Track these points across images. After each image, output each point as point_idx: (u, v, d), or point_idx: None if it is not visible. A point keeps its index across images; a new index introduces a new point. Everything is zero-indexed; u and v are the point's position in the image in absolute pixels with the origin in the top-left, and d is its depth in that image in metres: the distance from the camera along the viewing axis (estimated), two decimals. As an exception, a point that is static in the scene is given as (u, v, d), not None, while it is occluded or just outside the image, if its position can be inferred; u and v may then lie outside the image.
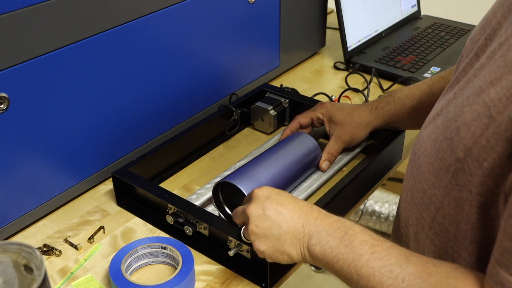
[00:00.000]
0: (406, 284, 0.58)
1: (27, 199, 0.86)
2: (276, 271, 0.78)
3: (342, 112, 0.96)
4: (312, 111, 0.99)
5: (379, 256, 0.61)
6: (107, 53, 0.89)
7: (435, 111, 0.69)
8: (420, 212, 0.67)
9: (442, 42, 1.46)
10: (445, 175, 0.61)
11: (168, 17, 0.97)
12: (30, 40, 0.78)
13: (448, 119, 0.62)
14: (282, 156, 0.90)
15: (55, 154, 0.87)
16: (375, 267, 0.60)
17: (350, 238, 0.63)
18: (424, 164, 0.65)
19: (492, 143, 0.53)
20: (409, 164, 0.72)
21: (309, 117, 0.99)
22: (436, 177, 0.63)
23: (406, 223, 0.72)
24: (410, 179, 0.70)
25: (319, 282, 1.94)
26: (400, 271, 0.59)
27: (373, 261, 0.60)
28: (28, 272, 0.51)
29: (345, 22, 1.33)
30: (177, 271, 0.75)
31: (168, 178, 0.99)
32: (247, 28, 1.16)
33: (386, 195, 1.99)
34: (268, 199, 0.70)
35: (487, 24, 0.64)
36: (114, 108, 0.94)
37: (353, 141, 0.96)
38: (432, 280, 0.57)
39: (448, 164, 0.60)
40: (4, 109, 0.78)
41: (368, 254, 0.61)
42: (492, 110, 0.54)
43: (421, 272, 0.58)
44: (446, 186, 0.61)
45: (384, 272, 0.59)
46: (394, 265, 0.59)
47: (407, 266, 0.59)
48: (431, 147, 0.64)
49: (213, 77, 1.13)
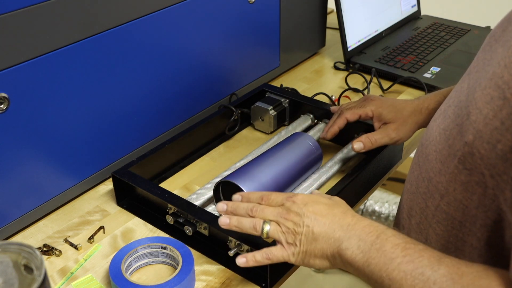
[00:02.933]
0: (438, 286, 0.56)
1: (27, 199, 0.86)
2: (276, 271, 0.77)
3: (393, 109, 0.94)
4: (361, 108, 0.96)
5: (411, 259, 0.59)
6: (107, 53, 0.89)
7: (446, 104, 0.68)
8: (425, 201, 0.67)
9: (442, 42, 1.46)
10: (452, 160, 0.60)
11: (168, 17, 0.97)
12: (30, 40, 0.78)
13: (460, 108, 0.61)
14: (283, 156, 0.91)
15: (55, 154, 0.87)
16: (406, 271, 0.59)
17: (382, 242, 0.62)
18: (431, 152, 0.65)
19: (508, 124, 0.53)
20: (416, 156, 0.72)
21: (357, 114, 0.96)
22: (443, 164, 0.62)
23: (409, 214, 0.72)
24: (416, 169, 0.70)
25: (319, 282, 1.94)
26: (432, 273, 0.57)
27: (405, 264, 0.59)
28: (28, 272, 0.51)
29: (345, 22, 1.33)
30: (177, 271, 0.75)
31: (168, 178, 0.99)
32: (247, 28, 1.16)
33: (386, 195, 1.99)
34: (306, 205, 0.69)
35: (505, 19, 0.63)
36: (114, 108, 0.94)
37: (399, 140, 0.94)
38: (464, 282, 0.56)
39: (456, 149, 0.59)
40: (4, 109, 0.78)
41: (400, 257, 0.60)
42: (507, 92, 0.53)
43: (453, 274, 0.57)
44: (452, 172, 0.60)
45: (415, 275, 0.58)
46: (426, 267, 0.58)
47: (438, 268, 0.58)
48: (440, 136, 0.64)
49: (213, 77, 1.13)
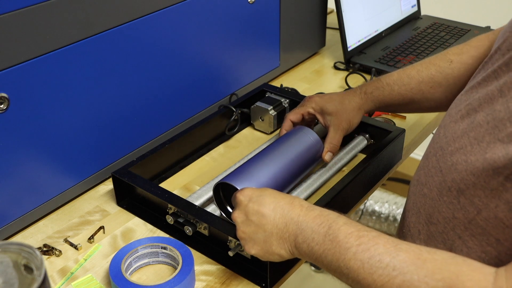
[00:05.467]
0: (398, 272, 0.56)
1: (27, 199, 0.86)
2: (276, 271, 0.78)
3: (333, 102, 0.95)
4: (302, 107, 0.98)
5: (366, 247, 0.59)
6: (107, 53, 0.89)
7: (468, 106, 0.67)
8: (452, 212, 0.65)
9: (442, 42, 1.46)
10: (494, 177, 0.58)
11: (168, 17, 0.97)
12: (30, 40, 0.78)
13: (499, 119, 0.60)
14: (282, 153, 0.89)
15: (55, 154, 0.87)
16: (363, 259, 0.59)
17: (335, 233, 0.62)
18: (460, 162, 0.63)
19: None
20: (434, 159, 0.70)
21: (299, 114, 0.98)
22: (478, 178, 0.60)
23: (428, 221, 0.70)
24: (436, 174, 0.68)
25: (319, 282, 1.94)
26: (390, 259, 0.57)
27: (360, 253, 0.59)
28: (28, 272, 0.51)
29: (345, 22, 1.33)
30: (177, 271, 0.75)
31: (168, 178, 0.99)
32: (247, 28, 1.16)
33: (386, 195, 1.99)
34: (249, 202, 0.70)
35: None
36: (114, 108, 0.94)
37: (351, 127, 0.96)
38: (429, 267, 0.55)
39: (501, 165, 0.58)
40: (4, 109, 0.78)
41: (355, 246, 0.60)
42: None
43: (414, 259, 0.56)
44: (496, 188, 0.59)
45: (372, 262, 0.58)
46: (383, 254, 0.58)
47: (397, 254, 0.57)
48: (473, 146, 0.62)
49: (213, 77, 1.13)
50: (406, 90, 0.92)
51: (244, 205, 0.71)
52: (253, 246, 0.70)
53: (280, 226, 0.67)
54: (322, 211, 0.66)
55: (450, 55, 0.90)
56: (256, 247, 0.69)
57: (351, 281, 0.61)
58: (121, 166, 0.92)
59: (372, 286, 0.58)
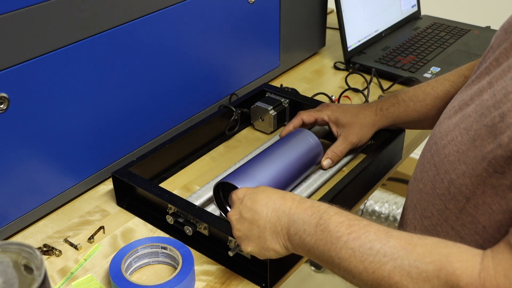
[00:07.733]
0: (389, 257, 0.57)
1: (27, 199, 0.86)
2: (276, 271, 0.78)
3: (348, 114, 0.96)
4: (318, 112, 0.99)
5: (357, 235, 0.60)
6: (107, 53, 0.89)
7: (461, 102, 0.68)
8: (444, 203, 0.66)
9: (442, 42, 1.46)
10: (480, 163, 0.60)
11: (168, 17, 0.97)
12: (30, 40, 0.78)
13: (486, 107, 0.61)
14: (283, 154, 0.90)
15: (55, 154, 0.87)
16: (354, 247, 0.59)
17: (326, 222, 0.63)
18: (452, 153, 0.65)
19: None
20: (428, 155, 0.71)
21: (313, 117, 0.99)
22: (468, 166, 0.62)
23: (422, 215, 0.71)
24: (431, 169, 0.69)
25: (319, 282, 1.94)
26: (381, 246, 0.58)
27: (351, 242, 0.60)
28: (28, 272, 0.51)
29: (345, 22, 1.33)
30: (177, 271, 0.75)
31: (168, 178, 0.99)
32: (247, 28, 1.16)
33: (386, 195, 1.99)
34: (243, 200, 0.71)
35: None
36: (114, 108, 0.94)
37: (360, 143, 0.97)
38: (419, 251, 0.56)
39: (486, 151, 0.59)
40: (4, 109, 0.78)
41: (346, 235, 0.60)
42: None
43: (404, 245, 0.57)
44: (480, 174, 0.60)
45: (363, 250, 0.58)
46: (374, 241, 0.58)
47: (387, 241, 0.58)
48: (462, 136, 0.63)
49: (213, 77, 1.13)
50: (422, 107, 0.92)
51: (238, 203, 0.72)
52: (248, 243, 0.70)
53: (272, 221, 0.68)
54: (313, 202, 0.67)
55: (464, 70, 0.90)
56: (251, 244, 0.70)
57: (343, 271, 0.61)
58: (121, 166, 0.92)
59: (363, 273, 0.58)
